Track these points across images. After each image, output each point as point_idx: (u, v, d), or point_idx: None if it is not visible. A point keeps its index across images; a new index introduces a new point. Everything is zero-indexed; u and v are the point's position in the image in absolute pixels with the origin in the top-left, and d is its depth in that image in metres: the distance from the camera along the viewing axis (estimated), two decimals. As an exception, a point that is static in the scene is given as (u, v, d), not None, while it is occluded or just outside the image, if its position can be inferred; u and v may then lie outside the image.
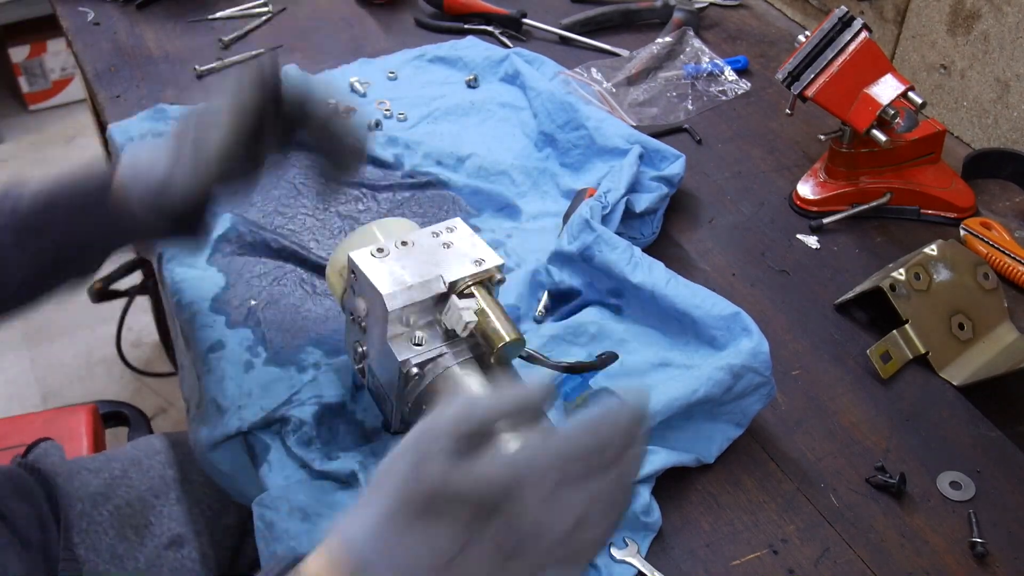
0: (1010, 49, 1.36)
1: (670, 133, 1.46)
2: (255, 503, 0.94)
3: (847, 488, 0.98)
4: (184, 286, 1.18)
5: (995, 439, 1.04)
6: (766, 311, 1.18)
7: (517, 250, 1.24)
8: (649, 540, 0.93)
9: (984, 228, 1.26)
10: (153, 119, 1.42)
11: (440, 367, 0.89)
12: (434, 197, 1.33)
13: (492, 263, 0.92)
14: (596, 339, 1.09)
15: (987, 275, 1.19)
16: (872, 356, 1.09)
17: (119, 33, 1.68)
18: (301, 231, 1.27)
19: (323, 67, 1.58)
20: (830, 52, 1.24)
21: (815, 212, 1.32)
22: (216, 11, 1.73)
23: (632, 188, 1.24)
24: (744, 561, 0.92)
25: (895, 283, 1.13)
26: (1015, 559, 0.92)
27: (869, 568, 0.92)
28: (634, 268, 1.09)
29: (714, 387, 0.97)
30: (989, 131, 1.44)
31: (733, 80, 1.57)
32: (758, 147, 1.45)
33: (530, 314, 1.15)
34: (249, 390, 1.04)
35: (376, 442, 1.00)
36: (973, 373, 1.10)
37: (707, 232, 1.30)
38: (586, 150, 1.35)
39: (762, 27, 1.73)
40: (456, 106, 1.47)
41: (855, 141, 1.29)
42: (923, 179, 1.31)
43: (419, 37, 1.68)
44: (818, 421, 1.05)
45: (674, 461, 0.97)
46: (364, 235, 1.00)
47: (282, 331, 1.13)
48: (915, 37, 1.51)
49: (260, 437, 1.01)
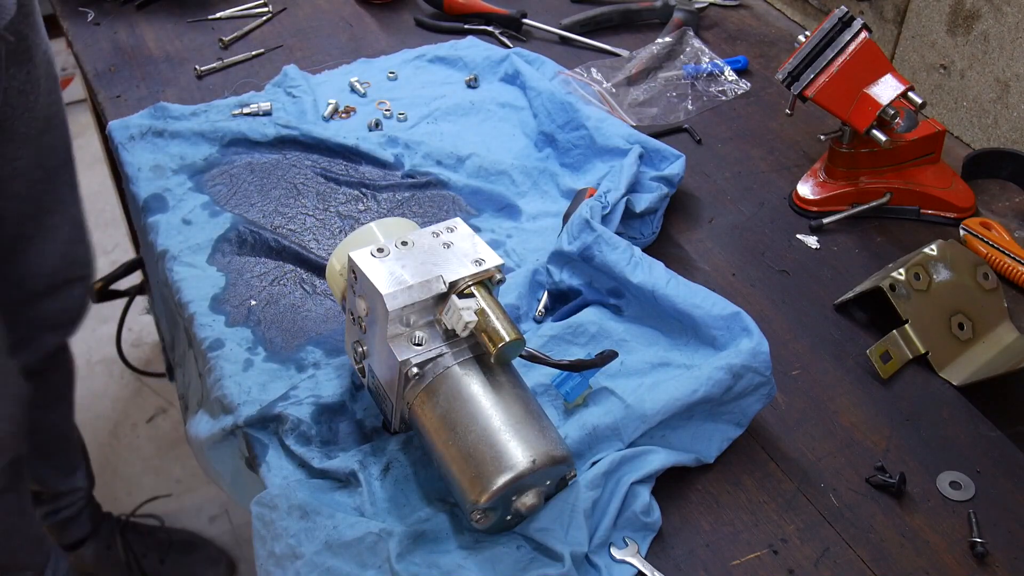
0: (1010, 49, 1.36)
1: (670, 133, 1.46)
2: (253, 502, 0.94)
3: (847, 488, 0.98)
4: (184, 285, 1.18)
5: (995, 439, 1.03)
6: (766, 311, 1.18)
7: (517, 250, 1.24)
8: (649, 540, 0.93)
9: (984, 228, 1.26)
10: (153, 117, 1.42)
11: (440, 367, 0.89)
12: (434, 197, 1.33)
13: (492, 263, 0.92)
14: (596, 339, 1.09)
15: (987, 275, 1.19)
16: (872, 356, 1.09)
17: (119, 33, 1.68)
18: (301, 231, 1.27)
19: (323, 67, 1.58)
20: (830, 52, 1.24)
21: (815, 212, 1.32)
22: (216, 11, 1.73)
23: (632, 188, 1.24)
24: (744, 561, 0.92)
25: (895, 283, 1.13)
26: (1015, 559, 0.92)
27: (869, 568, 0.92)
28: (634, 268, 1.09)
29: (714, 387, 0.97)
30: (989, 131, 1.44)
31: (733, 80, 1.57)
32: (758, 147, 1.45)
33: (530, 314, 1.15)
34: (248, 389, 1.04)
35: (376, 441, 1.00)
36: (973, 373, 1.10)
37: (707, 232, 1.30)
38: (586, 150, 1.35)
39: (762, 27, 1.73)
40: (456, 106, 1.47)
41: (855, 141, 1.29)
42: (923, 179, 1.31)
43: (419, 37, 1.68)
44: (818, 421, 1.05)
45: (674, 461, 0.97)
46: (364, 235, 1.00)
47: (282, 331, 1.13)
48: (915, 37, 1.51)
49: (258, 436, 1.01)
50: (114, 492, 2.28)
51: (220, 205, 1.30)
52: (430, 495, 0.94)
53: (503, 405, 0.88)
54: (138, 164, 1.35)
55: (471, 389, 0.88)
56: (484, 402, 0.88)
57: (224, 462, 1.09)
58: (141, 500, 2.24)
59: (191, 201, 1.30)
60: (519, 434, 0.86)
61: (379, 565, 0.87)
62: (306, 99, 1.47)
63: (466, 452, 0.86)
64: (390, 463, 0.96)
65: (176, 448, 2.36)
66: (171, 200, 1.30)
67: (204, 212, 1.28)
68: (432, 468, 0.95)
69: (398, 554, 0.87)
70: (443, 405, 0.88)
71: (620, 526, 0.92)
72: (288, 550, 0.89)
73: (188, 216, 1.27)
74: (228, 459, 1.08)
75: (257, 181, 1.34)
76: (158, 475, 2.33)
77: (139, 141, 1.39)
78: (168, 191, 1.31)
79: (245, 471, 1.06)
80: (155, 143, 1.39)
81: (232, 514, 2.23)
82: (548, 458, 0.86)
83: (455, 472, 0.87)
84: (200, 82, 1.56)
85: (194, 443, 1.12)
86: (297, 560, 0.88)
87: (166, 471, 2.34)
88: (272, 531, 0.91)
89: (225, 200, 1.31)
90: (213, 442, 1.07)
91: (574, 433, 0.96)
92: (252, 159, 1.37)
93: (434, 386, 0.89)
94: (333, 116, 1.47)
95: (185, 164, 1.35)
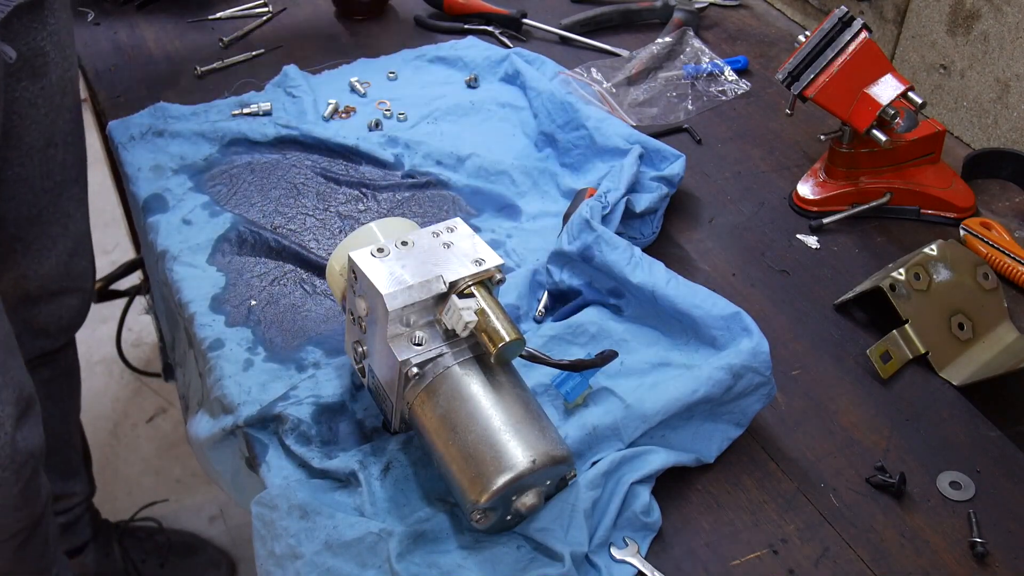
0: (1010, 49, 1.36)
1: (670, 133, 1.46)
2: (253, 502, 0.94)
3: (847, 488, 0.98)
4: (184, 285, 1.18)
5: (995, 439, 1.03)
6: (766, 311, 1.18)
7: (517, 250, 1.24)
8: (649, 540, 0.93)
9: (984, 228, 1.26)
10: (153, 117, 1.42)
11: (440, 367, 0.89)
12: (434, 197, 1.33)
13: (492, 263, 0.92)
14: (596, 339, 1.09)
15: (987, 275, 1.19)
16: (872, 356, 1.09)
17: (119, 33, 1.68)
18: (301, 231, 1.27)
19: (323, 67, 1.58)
20: (830, 52, 1.24)
21: (815, 212, 1.32)
22: (216, 11, 1.73)
23: (632, 188, 1.24)
24: (744, 561, 0.92)
25: (895, 283, 1.13)
26: (1015, 559, 0.92)
27: (869, 568, 0.92)
28: (634, 268, 1.09)
29: (714, 387, 0.97)
30: (989, 131, 1.44)
31: (733, 80, 1.57)
32: (758, 147, 1.45)
33: (530, 314, 1.15)
34: (248, 389, 1.04)
35: (376, 441, 1.00)
36: (973, 373, 1.10)
37: (707, 232, 1.30)
38: (586, 150, 1.35)
39: (762, 27, 1.73)
40: (456, 106, 1.47)
41: (855, 141, 1.29)
42: (923, 179, 1.31)
43: (419, 37, 1.68)
44: (818, 421, 1.05)
45: (674, 461, 0.97)
46: (364, 235, 1.00)
47: (282, 331, 1.13)
48: (915, 37, 1.51)
49: (258, 436, 1.01)
50: (114, 492, 2.28)
51: (220, 205, 1.30)
52: (430, 495, 0.94)
53: (503, 405, 0.88)
54: (138, 164, 1.35)
55: (471, 389, 0.88)
56: (484, 402, 0.88)
57: (224, 462, 1.09)
58: (141, 500, 2.23)
59: (191, 201, 1.30)
60: (519, 434, 0.86)
61: (379, 565, 0.87)
62: (306, 99, 1.47)
63: (466, 452, 0.86)
64: (390, 463, 0.96)
65: (176, 448, 2.36)
66: (171, 200, 1.30)
67: (204, 212, 1.28)
68: (432, 468, 0.95)
69: (398, 554, 0.87)
70: (443, 405, 0.88)
71: (620, 526, 0.92)
72: (288, 550, 0.89)
73: (188, 216, 1.27)
74: (228, 459, 1.08)
75: (257, 181, 1.34)
76: (158, 475, 2.33)
77: (139, 141, 1.39)
78: (168, 191, 1.31)
79: (245, 471, 1.06)
80: (155, 143, 1.39)
81: (232, 514, 2.23)
82: (548, 458, 0.86)
83: (455, 472, 0.87)
84: (200, 82, 1.56)
85: (194, 443, 1.12)
86: (297, 560, 0.88)
87: (166, 471, 2.34)
88: (272, 531, 0.91)
89: (225, 200, 1.31)
90: (213, 442, 1.07)
91: (574, 433, 0.96)
92: (252, 159, 1.37)
93: (434, 386, 0.89)
94: (333, 116, 1.47)
95: (185, 164, 1.35)
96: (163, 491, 2.28)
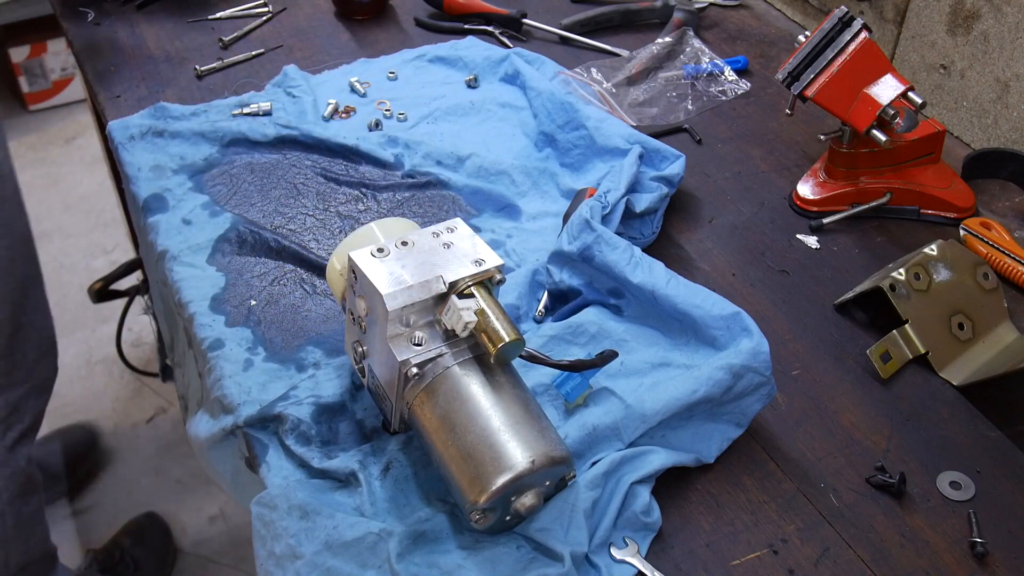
0: (1010, 49, 1.36)
1: (670, 133, 1.46)
2: (253, 502, 0.94)
3: (847, 488, 0.98)
4: (184, 285, 1.18)
5: (995, 439, 1.03)
6: (766, 311, 1.18)
7: (517, 250, 1.24)
8: (649, 540, 0.93)
9: (984, 228, 1.26)
10: (153, 117, 1.42)
11: (440, 367, 0.89)
12: (434, 197, 1.33)
13: (492, 263, 0.92)
14: (596, 339, 1.09)
15: (987, 275, 1.19)
16: (872, 356, 1.09)
17: (119, 33, 1.68)
18: (301, 231, 1.27)
19: (323, 67, 1.58)
20: (830, 52, 1.24)
21: (815, 212, 1.32)
22: (216, 11, 1.73)
23: (632, 188, 1.24)
24: (744, 561, 0.92)
25: (895, 283, 1.13)
26: (1015, 559, 0.92)
27: (869, 568, 0.92)
28: (634, 268, 1.09)
29: (714, 387, 0.97)
30: (989, 131, 1.44)
31: (733, 80, 1.57)
32: (758, 147, 1.45)
33: (530, 314, 1.15)
34: (248, 389, 1.04)
35: (376, 441, 1.00)
36: (973, 373, 1.10)
37: (707, 232, 1.30)
38: (586, 150, 1.35)
39: (762, 27, 1.73)
40: (456, 106, 1.47)
41: (855, 141, 1.29)
42: (923, 179, 1.31)
43: (419, 37, 1.68)
44: (818, 421, 1.05)
45: (674, 461, 0.97)
46: (364, 235, 1.00)
47: (282, 331, 1.13)
48: (915, 37, 1.51)
49: (258, 436, 1.01)
50: (114, 493, 2.28)
51: (220, 205, 1.30)
52: (430, 495, 0.94)
53: (503, 405, 0.88)
54: (138, 164, 1.35)
55: (471, 389, 0.88)
56: (484, 402, 0.88)
57: (224, 462, 1.09)
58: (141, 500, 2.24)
59: (191, 201, 1.30)
60: (518, 434, 0.86)
61: (379, 565, 0.88)
62: (306, 99, 1.47)
63: (465, 452, 0.86)
64: (390, 463, 0.96)
65: (176, 448, 2.36)
66: (171, 200, 1.30)
67: (204, 212, 1.28)
68: (432, 468, 0.95)
69: (398, 554, 0.87)
70: (443, 405, 0.88)
71: (620, 526, 0.92)
72: (288, 550, 0.89)
73: (188, 216, 1.27)
74: (228, 459, 1.08)
75: (257, 181, 1.34)
76: (158, 475, 2.33)
77: (139, 141, 1.39)
78: (168, 191, 1.31)
79: (245, 471, 1.06)
80: (155, 143, 1.39)
81: (231, 514, 2.23)
82: (547, 459, 0.86)
83: (454, 472, 0.87)
84: (200, 82, 1.56)
85: (194, 443, 1.12)
86: (297, 560, 0.88)
87: (166, 471, 2.34)
88: (272, 531, 0.91)
89: (225, 200, 1.31)
90: (213, 442, 1.07)
91: (574, 433, 0.96)
92: (252, 159, 1.37)
93: (434, 386, 0.89)
94: (333, 116, 1.47)
95: (185, 164, 1.35)
96: (163, 491, 2.28)
